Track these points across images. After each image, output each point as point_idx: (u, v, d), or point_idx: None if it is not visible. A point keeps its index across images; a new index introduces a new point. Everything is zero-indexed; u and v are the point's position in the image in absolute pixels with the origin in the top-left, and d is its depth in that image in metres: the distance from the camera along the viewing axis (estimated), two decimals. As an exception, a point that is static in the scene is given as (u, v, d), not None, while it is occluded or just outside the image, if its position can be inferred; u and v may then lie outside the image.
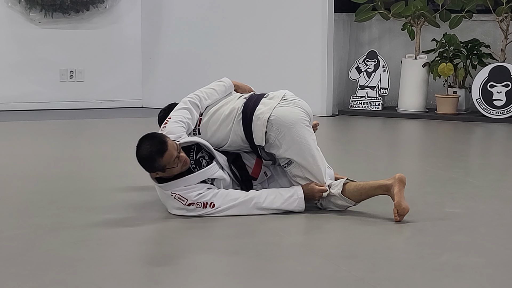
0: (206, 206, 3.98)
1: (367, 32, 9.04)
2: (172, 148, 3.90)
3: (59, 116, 8.30)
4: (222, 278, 3.11)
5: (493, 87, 8.04)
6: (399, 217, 3.88)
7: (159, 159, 3.88)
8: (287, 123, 4.07)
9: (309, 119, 4.17)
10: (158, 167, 3.92)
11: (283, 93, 4.23)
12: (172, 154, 3.89)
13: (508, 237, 3.71)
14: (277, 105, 4.13)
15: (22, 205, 4.32)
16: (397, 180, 3.96)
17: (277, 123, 4.07)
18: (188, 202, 3.97)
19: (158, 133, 4.01)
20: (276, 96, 4.20)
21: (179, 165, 3.94)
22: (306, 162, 4.08)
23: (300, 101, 4.23)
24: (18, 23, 8.59)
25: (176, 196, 3.98)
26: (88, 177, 5.13)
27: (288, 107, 4.14)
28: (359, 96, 8.63)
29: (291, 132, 4.06)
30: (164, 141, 3.91)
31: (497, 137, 7.36)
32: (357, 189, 4.04)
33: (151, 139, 3.94)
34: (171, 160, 3.90)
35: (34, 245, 3.52)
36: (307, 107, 4.23)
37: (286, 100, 4.18)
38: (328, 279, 3.11)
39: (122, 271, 3.19)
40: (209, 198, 3.99)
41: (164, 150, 3.87)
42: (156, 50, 9.00)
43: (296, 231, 3.83)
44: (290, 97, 4.22)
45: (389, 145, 7.02)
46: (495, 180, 5.14)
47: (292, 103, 4.17)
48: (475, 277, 3.14)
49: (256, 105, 4.15)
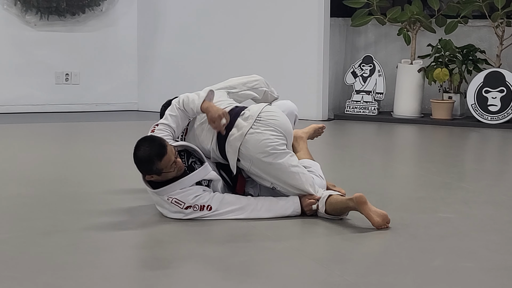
0: (203, 209, 3.98)
1: (363, 36, 9.05)
2: (171, 153, 3.91)
3: (54, 119, 8.29)
4: (215, 282, 3.11)
5: (488, 92, 8.05)
6: (387, 225, 3.86)
7: (157, 162, 3.88)
8: (257, 154, 4.02)
9: (284, 140, 4.08)
10: (155, 170, 3.92)
11: (259, 110, 4.11)
12: (170, 159, 3.90)
13: (500, 243, 3.72)
14: (248, 130, 4.03)
15: (15, 208, 4.31)
16: (357, 204, 3.87)
17: (248, 154, 4.03)
18: (186, 205, 3.97)
19: (158, 136, 4.00)
20: (251, 116, 4.07)
21: (175, 169, 3.95)
22: (288, 184, 4.07)
23: (276, 119, 4.09)
24: (13, 26, 8.59)
25: (173, 200, 3.98)
26: (82, 181, 5.12)
27: (259, 132, 4.03)
28: (355, 101, 8.64)
29: (264, 162, 4.02)
30: (164, 145, 3.91)
31: (491, 143, 7.37)
32: (334, 207, 3.98)
33: (151, 141, 3.94)
34: (169, 164, 3.90)
35: (27, 248, 3.51)
36: (283, 124, 4.11)
37: (260, 121, 4.06)
38: (320, 284, 3.11)
39: (114, 274, 3.19)
40: (206, 200, 3.99)
41: (163, 153, 3.88)
42: (152, 53, 9.01)
43: (289, 236, 3.83)
44: (266, 115, 4.09)
45: (384, 150, 7.02)
46: (489, 185, 5.15)
47: (265, 125, 4.05)
48: (467, 282, 3.14)
49: (231, 127, 4.07)
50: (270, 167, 4.04)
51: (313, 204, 4.05)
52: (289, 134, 4.16)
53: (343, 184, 4.64)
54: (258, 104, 4.27)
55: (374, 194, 4.70)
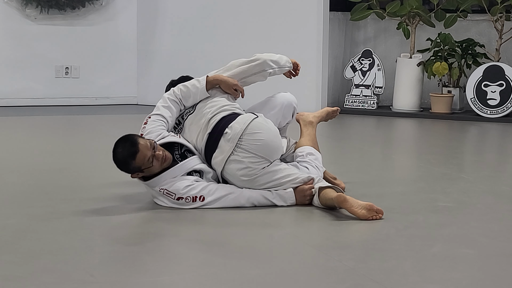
0: (195, 200, 3.95)
1: (362, 31, 9.05)
2: (145, 149, 3.86)
3: (54, 112, 8.30)
4: (214, 267, 3.11)
5: (487, 86, 8.05)
6: (377, 212, 3.80)
7: (132, 161, 3.87)
8: (238, 177, 4.01)
9: (267, 162, 4.01)
10: (134, 169, 3.91)
11: (242, 130, 3.99)
12: (145, 155, 3.86)
13: (500, 230, 3.72)
14: (228, 157, 4.00)
15: (15, 196, 4.32)
16: (338, 204, 3.84)
17: (231, 174, 4.03)
18: (177, 196, 3.95)
19: (131, 135, 3.95)
20: (232, 139, 4.00)
21: (156, 163, 3.91)
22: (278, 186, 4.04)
23: (258, 142, 3.99)
24: (13, 19, 8.60)
25: (165, 191, 3.97)
26: (81, 171, 5.12)
27: (239, 160, 3.98)
28: (354, 95, 8.64)
29: (246, 181, 4.02)
30: (135, 142, 3.87)
31: (490, 136, 7.38)
32: (326, 203, 3.94)
33: (123, 142, 3.92)
34: (144, 160, 3.87)
35: (26, 234, 3.52)
36: (266, 147, 4.00)
37: (240, 146, 3.99)
38: (319, 269, 3.11)
39: (112, 259, 3.20)
40: (198, 191, 3.96)
41: (135, 152, 3.85)
42: (152, 47, 9.01)
43: (287, 223, 3.84)
44: (248, 138, 3.99)
45: (384, 142, 7.03)
46: (488, 176, 5.15)
47: (246, 151, 3.98)
48: (466, 267, 3.14)
49: (215, 147, 4.04)
50: (253, 183, 4.03)
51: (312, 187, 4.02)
52: (274, 153, 4.06)
53: (343, 176, 4.65)
54: (243, 117, 4.10)
55: (374, 185, 4.71)
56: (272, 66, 4.40)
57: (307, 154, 4.35)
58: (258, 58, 4.38)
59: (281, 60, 4.43)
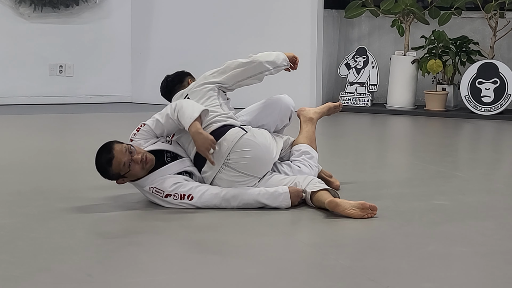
0: (183, 198, 3.93)
1: (356, 28, 9.06)
2: (120, 154, 3.85)
3: (48, 110, 8.28)
4: (209, 266, 3.11)
5: (481, 84, 8.07)
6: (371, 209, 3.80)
7: (109, 168, 3.88)
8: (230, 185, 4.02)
9: (255, 179, 4.02)
10: (114, 175, 3.92)
11: (230, 148, 3.96)
12: (120, 160, 3.85)
13: (495, 228, 3.73)
14: (216, 175, 4.00)
15: (10, 196, 4.31)
16: (331, 209, 3.82)
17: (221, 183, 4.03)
18: (165, 194, 3.94)
19: (108, 142, 3.93)
20: (219, 157, 3.96)
21: (136, 167, 3.90)
22: None
23: (245, 161, 3.98)
24: (7, 17, 8.57)
25: (154, 190, 3.96)
26: (76, 170, 5.11)
27: (226, 179, 3.99)
28: (348, 93, 8.65)
29: None
30: (109, 149, 3.88)
31: (485, 133, 7.39)
32: (322, 206, 3.91)
33: (101, 149, 3.92)
34: (120, 166, 3.87)
35: (22, 233, 3.52)
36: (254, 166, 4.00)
37: (228, 164, 3.97)
38: (316, 267, 3.12)
39: (109, 259, 3.20)
40: (187, 189, 3.94)
41: (110, 158, 3.86)
42: (146, 45, 9.00)
43: (282, 222, 3.83)
44: (236, 156, 3.97)
45: (378, 140, 7.04)
46: (483, 174, 5.16)
47: (233, 169, 3.98)
48: (462, 265, 3.16)
49: (204, 162, 4.01)
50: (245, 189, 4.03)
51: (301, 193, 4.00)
52: (263, 169, 4.05)
53: (338, 174, 4.65)
54: (232, 133, 4.02)
55: (369, 183, 4.72)
56: (268, 68, 4.33)
57: (302, 152, 4.33)
58: (254, 61, 4.30)
59: (278, 59, 4.36)
